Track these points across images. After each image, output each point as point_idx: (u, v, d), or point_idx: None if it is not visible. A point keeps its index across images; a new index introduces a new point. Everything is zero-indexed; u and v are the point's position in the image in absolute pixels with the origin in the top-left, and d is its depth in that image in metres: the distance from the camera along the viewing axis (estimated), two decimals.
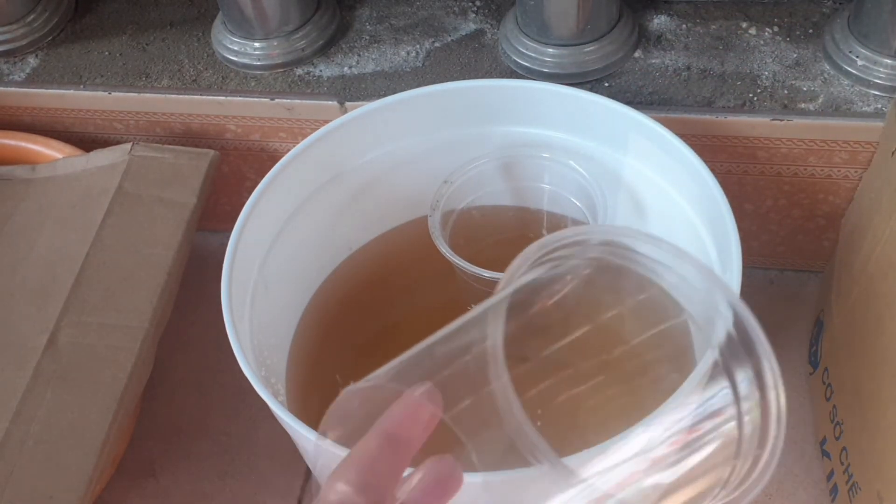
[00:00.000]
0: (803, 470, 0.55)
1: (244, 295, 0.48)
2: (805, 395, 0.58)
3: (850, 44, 0.54)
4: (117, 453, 0.52)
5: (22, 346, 0.52)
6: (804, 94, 0.54)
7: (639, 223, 0.55)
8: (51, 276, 0.54)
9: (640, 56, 0.57)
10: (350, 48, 0.61)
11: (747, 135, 0.54)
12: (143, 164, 0.58)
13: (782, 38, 0.57)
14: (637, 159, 0.51)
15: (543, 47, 0.57)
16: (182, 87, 0.60)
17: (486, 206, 0.55)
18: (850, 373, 0.50)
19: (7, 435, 0.49)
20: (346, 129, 0.52)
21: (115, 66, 0.62)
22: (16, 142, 0.62)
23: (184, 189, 0.57)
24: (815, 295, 0.62)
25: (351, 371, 0.56)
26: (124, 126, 0.63)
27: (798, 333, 0.61)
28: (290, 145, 0.52)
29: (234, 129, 0.61)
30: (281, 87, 0.59)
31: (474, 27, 0.61)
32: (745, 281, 0.42)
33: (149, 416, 0.61)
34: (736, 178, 0.57)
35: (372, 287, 0.58)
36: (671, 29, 0.58)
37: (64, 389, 0.50)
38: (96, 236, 0.55)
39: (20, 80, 0.63)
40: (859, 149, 0.53)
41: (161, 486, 0.59)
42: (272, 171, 0.49)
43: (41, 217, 0.58)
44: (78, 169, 0.59)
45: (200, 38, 0.63)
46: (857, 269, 0.50)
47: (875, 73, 0.53)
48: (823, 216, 0.58)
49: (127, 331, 0.52)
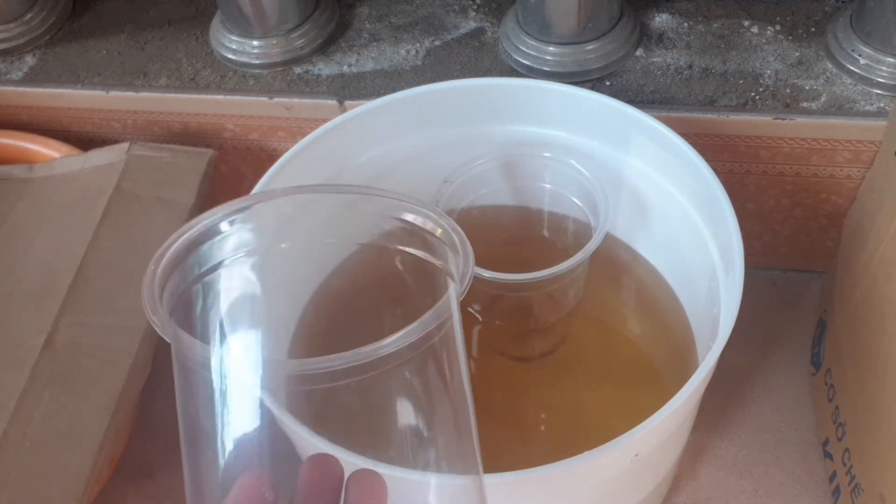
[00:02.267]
0: (806, 471, 0.55)
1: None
2: (807, 397, 0.58)
3: (853, 42, 0.53)
4: (115, 454, 0.52)
5: (19, 347, 0.52)
6: (807, 93, 0.54)
7: (641, 223, 0.54)
8: (48, 276, 0.54)
9: (642, 54, 0.57)
10: (349, 47, 0.60)
11: (749, 134, 0.53)
12: (141, 164, 0.58)
13: (784, 37, 0.56)
14: (638, 158, 0.51)
15: (544, 46, 0.56)
16: (180, 86, 0.60)
17: (486, 206, 0.55)
18: (853, 374, 0.50)
19: (4, 436, 0.48)
20: (346, 128, 0.51)
21: (112, 64, 0.62)
22: (13, 141, 0.62)
23: (182, 188, 0.56)
24: (818, 295, 0.62)
25: None
26: (122, 125, 0.63)
27: (801, 334, 0.61)
28: (289, 144, 0.52)
29: (233, 129, 0.61)
30: (280, 86, 0.59)
31: (474, 25, 0.60)
32: (747, 281, 0.42)
33: (147, 416, 0.60)
34: (738, 177, 0.56)
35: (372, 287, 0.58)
36: (673, 27, 0.58)
37: (61, 390, 0.50)
38: (94, 236, 0.55)
39: (18, 79, 0.63)
40: (862, 148, 0.53)
41: (159, 486, 0.59)
42: (271, 171, 0.49)
43: (39, 217, 0.58)
44: (76, 168, 0.59)
45: (199, 36, 0.63)
46: (860, 269, 0.49)
47: (878, 72, 0.53)
48: (826, 216, 0.58)
49: (125, 331, 0.52)
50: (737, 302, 0.41)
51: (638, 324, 0.57)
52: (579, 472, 0.39)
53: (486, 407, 0.54)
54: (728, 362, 0.50)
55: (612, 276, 0.57)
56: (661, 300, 0.55)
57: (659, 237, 0.54)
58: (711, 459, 0.56)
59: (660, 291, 0.55)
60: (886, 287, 0.45)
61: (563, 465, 0.37)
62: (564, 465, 0.37)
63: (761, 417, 0.58)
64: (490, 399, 0.55)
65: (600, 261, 0.54)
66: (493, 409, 0.55)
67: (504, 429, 0.53)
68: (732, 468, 0.56)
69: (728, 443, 0.57)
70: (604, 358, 0.56)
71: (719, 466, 0.56)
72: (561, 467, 0.37)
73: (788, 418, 0.58)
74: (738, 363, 0.59)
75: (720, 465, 0.56)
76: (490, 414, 0.54)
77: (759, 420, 0.58)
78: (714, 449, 0.57)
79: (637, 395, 0.53)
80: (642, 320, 0.57)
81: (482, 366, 0.57)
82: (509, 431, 0.53)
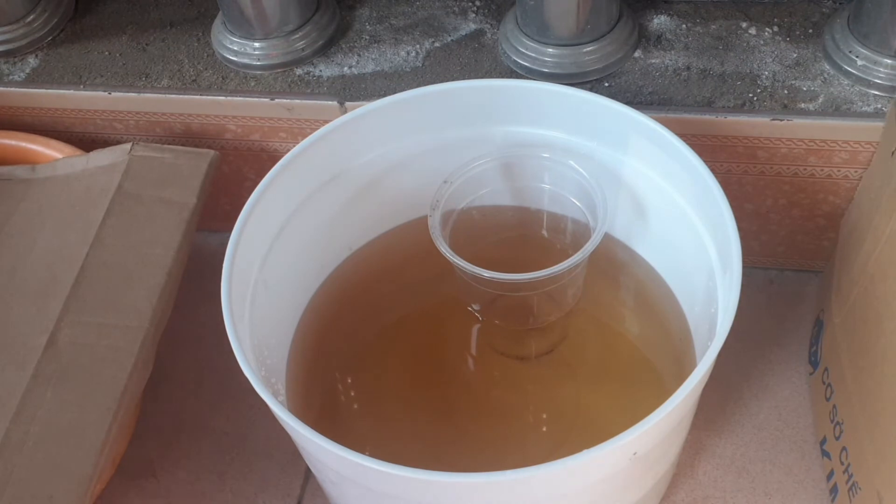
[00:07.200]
0: (803, 470, 0.55)
1: (244, 295, 0.48)
2: (805, 395, 0.58)
3: (850, 43, 0.54)
4: (117, 453, 0.52)
5: (22, 346, 0.52)
6: (804, 94, 0.54)
7: (639, 223, 0.55)
8: (51, 276, 0.54)
9: (640, 56, 0.57)
10: (350, 48, 0.61)
11: (747, 135, 0.54)
12: (143, 164, 0.58)
13: (782, 38, 0.57)
14: (637, 159, 0.51)
15: (543, 47, 0.57)
16: (182, 87, 0.60)
17: (486, 206, 0.55)
18: (851, 373, 0.50)
19: (7, 435, 0.49)
20: (346, 129, 0.52)
21: (115, 66, 0.62)
22: (16, 142, 0.62)
23: (184, 189, 0.56)
24: (815, 295, 0.62)
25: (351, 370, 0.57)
26: (124, 126, 0.63)
27: (798, 333, 0.61)
28: (290, 145, 0.52)
29: (234, 129, 0.61)
30: (281, 87, 0.59)
31: (474, 27, 0.61)
32: (745, 281, 0.42)
33: (149, 415, 0.60)
34: (736, 177, 0.57)
35: (372, 287, 0.58)
36: (671, 29, 0.58)
37: (64, 389, 0.50)
38: (96, 236, 0.55)
39: (20, 80, 0.63)
40: (859, 149, 0.53)
41: (161, 485, 0.59)
42: (272, 171, 0.49)
43: (41, 217, 0.58)
44: (78, 169, 0.59)
45: (200, 38, 0.63)
46: (857, 269, 0.50)
47: (875, 73, 0.53)
48: (823, 216, 0.58)
49: (127, 331, 0.52)
50: (734, 301, 0.42)
51: (636, 323, 0.57)
52: (578, 471, 0.39)
53: (485, 405, 0.55)
54: (726, 361, 0.50)
55: (610, 276, 0.58)
56: (660, 299, 0.55)
57: (657, 237, 0.54)
58: (709, 458, 0.57)
59: (658, 291, 0.55)
60: (883, 287, 0.46)
61: (562, 463, 0.37)
62: (563, 464, 0.37)
63: (759, 416, 0.58)
64: (489, 398, 0.55)
65: (599, 261, 0.54)
66: (492, 407, 0.55)
67: (503, 427, 0.53)
68: (730, 466, 0.56)
69: (726, 441, 0.57)
70: (603, 357, 0.56)
71: (717, 465, 0.56)
72: (560, 466, 0.37)
73: (786, 417, 0.58)
74: (735, 362, 0.60)
75: (718, 463, 0.56)
76: (489, 412, 0.54)
77: (757, 419, 0.58)
78: (712, 447, 0.57)
79: (636, 394, 0.53)
80: (641, 319, 0.57)
81: (482, 365, 0.57)
82: (509, 430, 0.53)
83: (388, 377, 0.56)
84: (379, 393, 0.55)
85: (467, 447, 0.52)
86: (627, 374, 0.55)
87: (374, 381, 0.56)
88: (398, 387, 0.55)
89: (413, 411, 0.54)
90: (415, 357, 0.56)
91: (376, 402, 0.55)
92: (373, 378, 0.56)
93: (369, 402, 0.55)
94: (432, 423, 0.53)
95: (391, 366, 0.56)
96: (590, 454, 0.37)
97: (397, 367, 0.56)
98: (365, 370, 0.56)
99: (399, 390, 0.55)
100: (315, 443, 0.39)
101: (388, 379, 0.56)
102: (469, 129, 0.54)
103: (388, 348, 0.57)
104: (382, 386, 0.55)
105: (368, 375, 0.56)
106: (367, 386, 0.56)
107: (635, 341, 0.57)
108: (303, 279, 0.56)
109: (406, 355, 0.56)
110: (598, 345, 0.57)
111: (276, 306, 0.52)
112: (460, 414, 0.54)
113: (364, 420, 0.54)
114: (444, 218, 0.51)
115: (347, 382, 0.56)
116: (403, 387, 0.55)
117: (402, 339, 0.57)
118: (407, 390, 0.55)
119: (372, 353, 0.57)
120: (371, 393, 0.55)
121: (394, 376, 0.56)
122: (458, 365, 0.57)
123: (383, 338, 0.57)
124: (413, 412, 0.54)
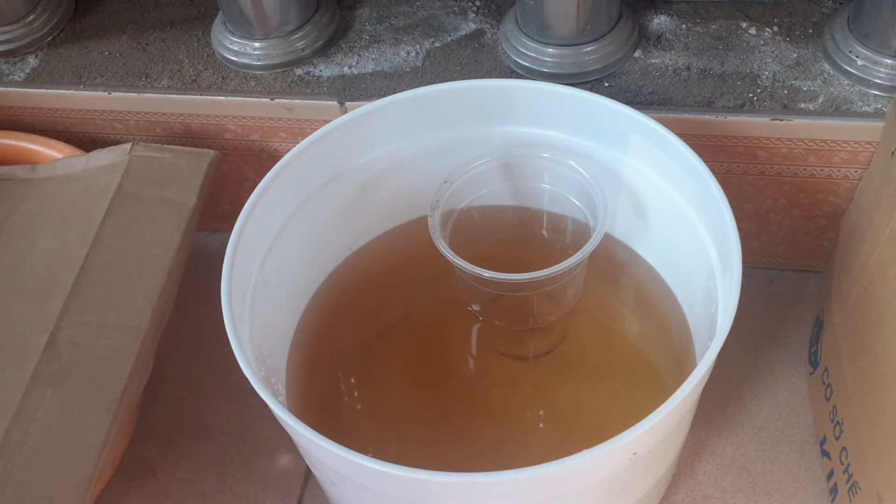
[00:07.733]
0: (803, 470, 0.55)
1: (244, 295, 0.48)
2: (805, 395, 0.58)
3: (850, 43, 0.54)
4: (117, 453, 0.52)
5: (21, 346, 0.52)
6: (804, 94, 0.54)
7: (639, 223, 0.55)
8: (51, 276, 0.54)
9: (640, 56, 0.57)
10: (350, 48, 0.61)
11: (747, 135, 0.54)
12: (143, 164, 0.58)
13: (782, 38, 0.57)
14: (637, 159, 0.51)
15: (543, 47, 0.57)
16: (182, 87, 0.60)
17: (486, 206, 0.55)
18: (851, 373, 0.50)
19: (6, 435, 0.49)
20: (346, 129, 0.52)
21: (115, 66, 0.62)
22: (16, 142, 0.62)
23: (184, 189, 0.56)
24: (815, 295, 0.62)
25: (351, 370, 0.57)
26: (124, 126, 0.63)
27: (798, 333, 0.61)
28: (290, 145, 0.52)
29: (234, 129, 0.61)
30: (281, 87, 0.59)
31: (474, 27, 0.61)
32: (745, 281, 0.42)
33: (149, 416, 0.61)
34: (736, 177, 0.57)
35: (372, 287, 0.58)
36: (671, 29, 0.58)
37: (64, 389, 0.50)
38: (96, 236, 0.55)
39: (20, 80, 0.63)
40: (859, 149, 0.53)
41: (161, 485, 0.59)
42: (272, 171, 0.49)
43: (41, 217, 0.58)
44: (78, 169, 0.59)
45: (200, 38, 0.63)
46: (857, 269, 0.50)
47: (875, 73, 0.53)
48: (823, 216, 0.58)
49: (127, 331, 0.52)
50: (734, 301, 0.42)
51: (636, 323, 0.57)
52: (578, 471, 0.39)
53: (485, 405, 0.55)
54: (726, 361, 0.50)
55: (610, 276, 0.58)
56: (660, 299, 0.55)
57: (657, 237, 0.54)
58: (709, 458, 0.57)
59: (658, 291, 0.55)
60: (883, 287, 0.46)
61: (562, 463, 0.37)
62: (563, 464, 0.37)
63: (759, 416, 0.58)
64: (490, 398, 0.55)
65: (599, 260, 0.54)
66: (492, 407, 0.55)
67: (503, 427, 0.53)
68: (730, 466, 0.56)
69: (726, 441, 0.57)
70: (603, 357, 0.56)
71: (717, 465, 0.56)
72: (560, 466, 0.37)
73: (786, 417, 0.58)
74: (735, 362, 0.60)
75: (718, 463, 0.56)
76: (490, 412, 0.54)
77: (757, 419, 0.58)
78: (712, 447, 0.57)
79: (636, 394, 0.53)
80: (641, 319, 0.57)
81: (482, 365, 0.57)
82: (509, 430, 0.53)
83: (388, 377, 0.56)
84: (379, 393, 0.55)
85: (467, 447, 0.52)
86: (627, 374, 0.55)
87: (374, 381, 0.56)
88: (398, 387, 0.55)
89: (413, 411, 0.54)
90: (415, 357, 0.56)
91: (376, 402, 0.55)
92: (373, 378, 0.56)
93: (369, 401, 0.55)
94: (432, 423, 0.53)
95: (391, 366, 0.56)
96: (590, 454, 0.37)
97: (397, 367, 0.56)
98: (365, 370, 0.56)
99: (399, 390, 0.55)
100: (315, 443, 0.39)
101: (388, 379, 0.56)
102: (469, 129, 0.54)
103: (388, 348, 0.57)
104: (382, 386, 0.55)
105: (368, 375, 0.56)
106: (368, 386, 0.56)
107: (635, 341, 0.57)
108: (303, 279, 0.56)
109: (406, 355, 0.56)
110: (598, 345, 0.57)
111: (276, 306, 0.52)
112: (460, 414, 0.54)
113: (364, 420, 0.54)
114: (444, 218, 0.51)
115: (347, 382, 0.56)
116: (403, 387, 0.55)
117: (402, 339, 0.57)
118: (407, 390, 0.55)
119: (372, 352, 0.57)
120: (371, 393, 0.55)
121: (394, 376, 0.56)
122: (458, 365, 0.57)
123: (383, 338, 0.57)
124: (413, 412, 0.54)
